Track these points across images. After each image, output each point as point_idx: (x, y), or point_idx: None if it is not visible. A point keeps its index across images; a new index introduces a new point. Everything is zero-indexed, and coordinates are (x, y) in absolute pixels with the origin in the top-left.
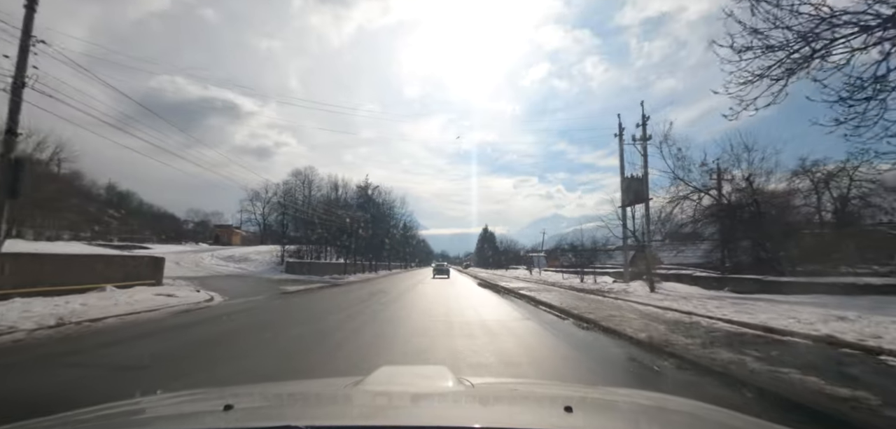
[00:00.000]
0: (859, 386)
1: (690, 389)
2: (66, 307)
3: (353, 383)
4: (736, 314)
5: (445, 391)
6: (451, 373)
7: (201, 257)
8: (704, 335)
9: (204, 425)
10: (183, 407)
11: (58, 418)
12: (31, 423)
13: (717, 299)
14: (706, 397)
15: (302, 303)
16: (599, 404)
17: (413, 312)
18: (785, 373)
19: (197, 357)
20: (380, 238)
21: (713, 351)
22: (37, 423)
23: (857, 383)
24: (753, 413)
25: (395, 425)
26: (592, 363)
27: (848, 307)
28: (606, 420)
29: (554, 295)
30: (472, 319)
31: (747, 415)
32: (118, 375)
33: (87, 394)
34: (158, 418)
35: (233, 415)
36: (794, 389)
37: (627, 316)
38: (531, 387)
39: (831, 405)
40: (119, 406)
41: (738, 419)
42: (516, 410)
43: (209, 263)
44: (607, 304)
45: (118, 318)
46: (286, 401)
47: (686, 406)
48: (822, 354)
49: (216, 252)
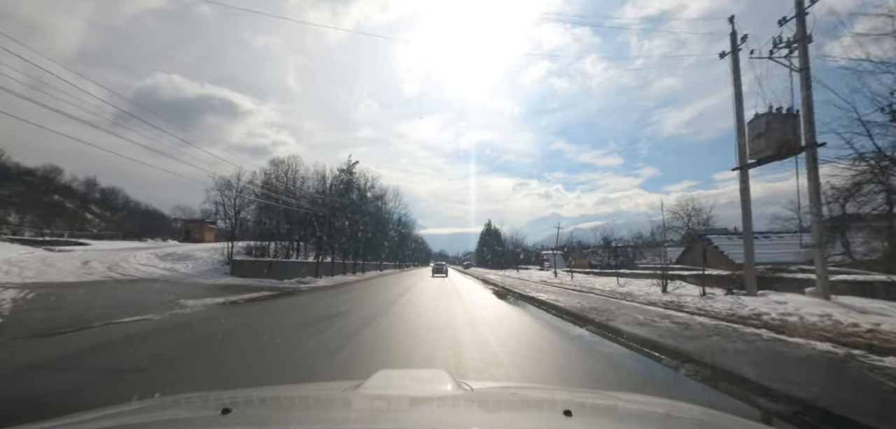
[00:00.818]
0: None
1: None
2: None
3: (351, 387)
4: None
5: (444, 395)
6: (451, 377)
7: (130, 256)
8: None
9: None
10: (181, 411)
11: (52, 423)
12: (40, 425)
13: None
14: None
15: (151, 337)
16: (599, 408)
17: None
18: None
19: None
20: (369, 233)
21: None
22: (42, 426)
23: None
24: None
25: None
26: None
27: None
28: (607, 425)
29: (680, 326)
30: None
31: (752, 421)
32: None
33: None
34: (156, 422)
35: (231, 419)
36: None
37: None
38: (531, 391)
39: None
40: (116, 409)
41: (742, 426)
42: (515, 414)
43: (134, 264)
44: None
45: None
46: (285, 405)
47: (687, 411)
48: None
49: (157, 250)
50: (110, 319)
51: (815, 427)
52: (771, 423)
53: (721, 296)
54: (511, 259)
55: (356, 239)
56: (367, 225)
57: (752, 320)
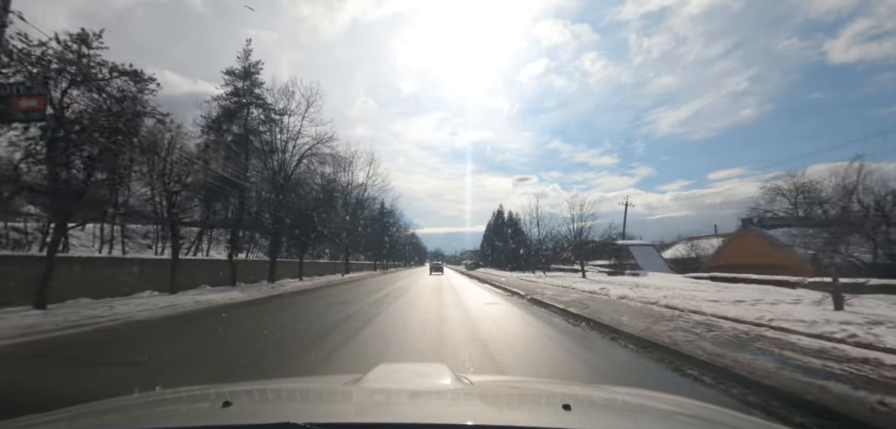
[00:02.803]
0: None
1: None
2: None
3: (352, 381)
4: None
5: (444, 389)
6: (451, 371)
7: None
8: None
9: (203, 422)
10: (182, 404)
11: (55, 414)
12: (30, 418)
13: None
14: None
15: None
16: (598, 403)
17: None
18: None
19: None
20: (310, 209)
21: None
22: (35, 418)
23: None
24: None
25: (393, 422)
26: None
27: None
28: (605, 419)
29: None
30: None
31: (750, 416)
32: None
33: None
34: (158, 414)
35: (231, 411)
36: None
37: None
38: (531, 385)
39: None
40: (117, 402)
41: (740, 420)
42: (515, 408)
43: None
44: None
45: None
46: (285, 398)
47: (686, 406)
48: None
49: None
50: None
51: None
52: (772, 420)
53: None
54: (533, 259)
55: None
56: (290, 190)
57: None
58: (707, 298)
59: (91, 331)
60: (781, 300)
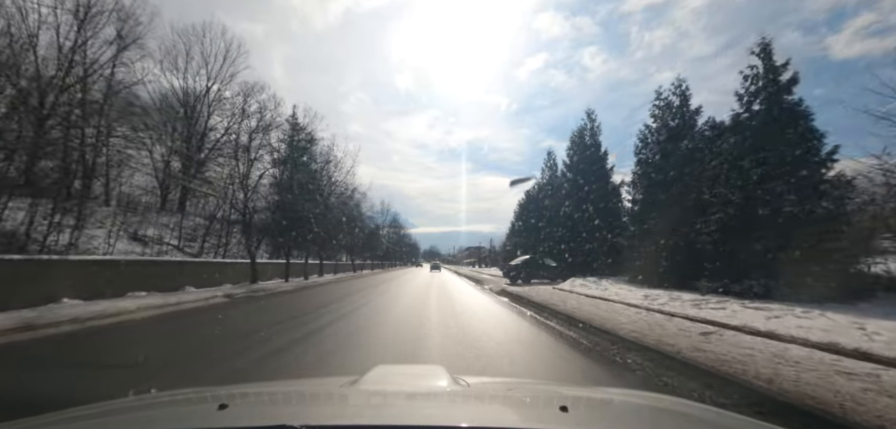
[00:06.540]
0: None
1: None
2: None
3: (348, 383)
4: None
5: (441, 391)
6: (447, 372)
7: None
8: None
9: (199, 425)
10: (178, 406)
11: (50, 417)
12: (23, 422)
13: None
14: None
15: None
16: (595, 404)
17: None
18: None
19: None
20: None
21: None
22: (29, 422)
23: None
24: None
25: (389, 424)
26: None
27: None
28: (602, 420)
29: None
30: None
31: (742, 415)
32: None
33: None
34: (153, 417)
35: (228, 414)
36: None
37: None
38: (527, 386)
39: None
40: (113, 404)
41: (732, 419)
42: (511, 409)
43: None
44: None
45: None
46: (281, 400)
47: (680, 406)
48: None
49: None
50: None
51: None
52: (768, 420)
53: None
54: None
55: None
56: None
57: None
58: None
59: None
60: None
